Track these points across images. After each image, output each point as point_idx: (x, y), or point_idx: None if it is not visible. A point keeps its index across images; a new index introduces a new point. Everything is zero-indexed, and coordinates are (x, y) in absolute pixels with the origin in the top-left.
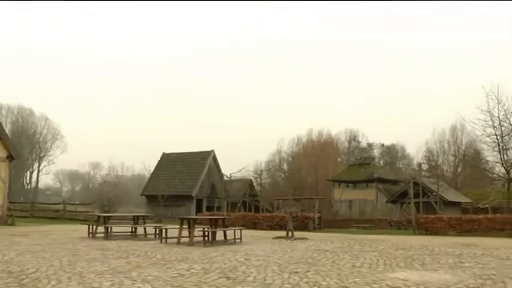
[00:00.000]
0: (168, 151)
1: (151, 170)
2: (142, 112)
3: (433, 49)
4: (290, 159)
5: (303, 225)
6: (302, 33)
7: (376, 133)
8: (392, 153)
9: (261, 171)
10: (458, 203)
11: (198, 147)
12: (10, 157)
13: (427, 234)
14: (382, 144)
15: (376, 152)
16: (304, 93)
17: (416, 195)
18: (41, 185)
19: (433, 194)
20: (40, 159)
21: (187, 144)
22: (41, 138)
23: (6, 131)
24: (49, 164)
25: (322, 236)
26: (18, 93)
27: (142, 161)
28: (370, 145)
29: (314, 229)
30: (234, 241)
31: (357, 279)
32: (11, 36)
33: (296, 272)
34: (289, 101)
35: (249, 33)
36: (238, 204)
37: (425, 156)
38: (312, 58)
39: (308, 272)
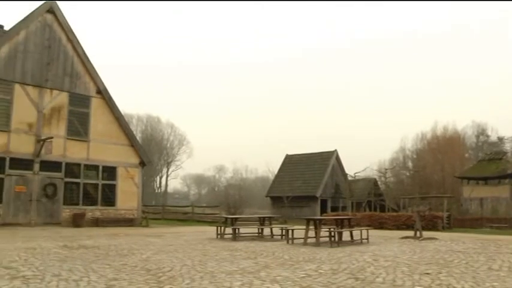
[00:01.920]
0: (290, 152)
1: (275, 172)
2: (264, 114)
3: None
4: (414, 156)
5: (431, 224)
6: (427, 27)
7: (507, 126)
8: None
9: (385, 169)
10: None
11: (320, 147)
12: (142, 163)
13: None
14: None
15: (508, 146)
16: (427, 87)
17: None
18: (169, 189)
19: None
20: (168, 165)
21: (309, 144)
22: (168, 145)
23: (137, 138)
24: (177, 169)
25: (452, 236)
26: (146, 103)
27: (266, 163)
28: (500, 139)
29: (443, 229)
30: (361, 241)
31: (495, 283)
32: (126, 44)
33: (427, 273)
34: (412, 96)
35: (369, 30)
36: (363, 204)
37: None
38: (435, 52)
39: (440, 273)
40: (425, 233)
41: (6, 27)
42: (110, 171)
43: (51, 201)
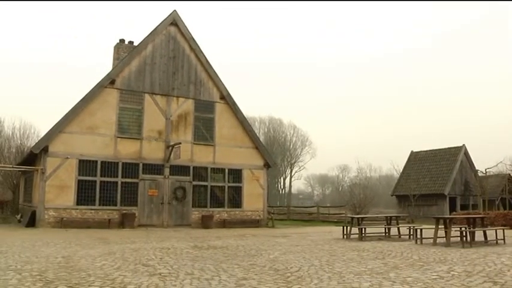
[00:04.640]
0: (415, 149)
1: (400, 170)
2: (385, 112)
3: None
4: None
5: None
6: None
7: None
8: None
9: None
10: None
11: (447, 143)
12: (266, 165)
13: None
14: None
15: None
16: None
17: None
18: (293, 190)
19: None
20: (291, 166)
21: (434, 140)
22: (291, 146)
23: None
24: (300, 170)
25: None
26: (269, 105)
27: (390, 161)
28: None
29: None
30: (496, 242)
31: None
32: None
33: None
34: None
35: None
36: (496, 202)
37: None
38: None
39: None
40: None
41: (135, 43)
42: (236, 174)
43: (181, 203)
